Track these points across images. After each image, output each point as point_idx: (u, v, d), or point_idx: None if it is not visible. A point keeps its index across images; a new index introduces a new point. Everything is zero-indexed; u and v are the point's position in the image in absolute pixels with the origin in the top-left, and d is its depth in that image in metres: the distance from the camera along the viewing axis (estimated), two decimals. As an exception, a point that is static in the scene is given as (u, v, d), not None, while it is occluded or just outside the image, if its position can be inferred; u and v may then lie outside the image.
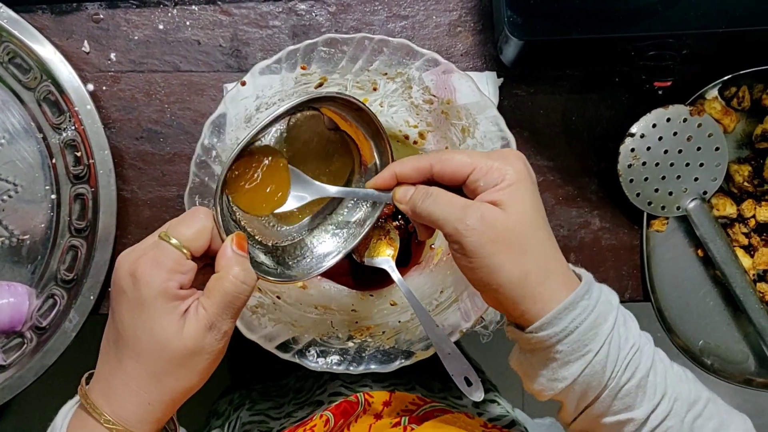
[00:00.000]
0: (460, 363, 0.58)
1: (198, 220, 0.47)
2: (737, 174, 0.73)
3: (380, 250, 0.68)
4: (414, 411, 0.62)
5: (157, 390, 0.46)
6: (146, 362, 0.45)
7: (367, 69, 0.63)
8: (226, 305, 0.46)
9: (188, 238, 0.46)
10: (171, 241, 0.46)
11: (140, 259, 0.45)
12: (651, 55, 0.64)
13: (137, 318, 0.45)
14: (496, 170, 0.48)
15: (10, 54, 0.68)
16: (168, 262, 0.45)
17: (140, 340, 0.45)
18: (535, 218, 0.48)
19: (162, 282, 0.44)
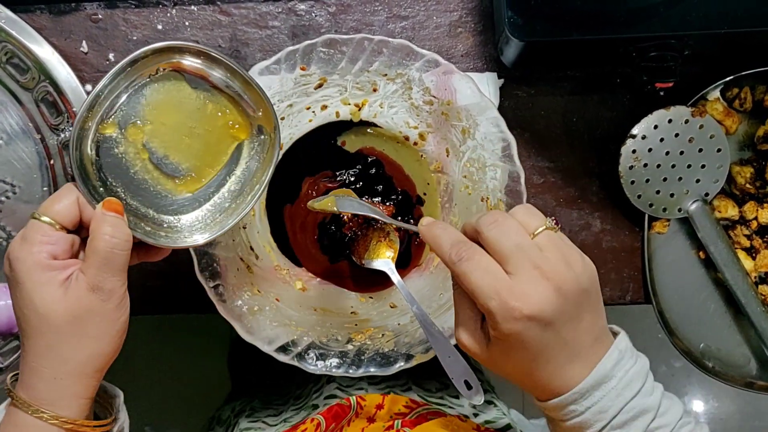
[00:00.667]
0: (460, 366, 0.57)
1: (64, 194, 0.48)
2: (739, 176, 0.72)
3: (380, 252, 0.68)
4: (407, 414, 0.62)
5: (57, 362, 0.46)
6: (37, 336, 0.46)
7: (367, 70, 0.63)
8: (102, 264, 0.47)
9: (55, 210, 0.47)
10: (41, 218, 0.47)
11: (14, 241, 0.47)
12: (652, 56, 0.63)
13: (19, 296, 0.46)
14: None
15: (8, 54, 0.68)
16: (36, 236, 0.46)
17: (27, 316, 0.46)
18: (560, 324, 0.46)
19: (31, 255, 0.46)
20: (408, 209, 0.71)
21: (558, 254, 0.45)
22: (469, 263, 0.45)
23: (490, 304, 0.44)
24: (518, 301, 0.43)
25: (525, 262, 0.44)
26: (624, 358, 0.47)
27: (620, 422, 0.46)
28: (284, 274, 0.69)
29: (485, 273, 0.45)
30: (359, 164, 0.71)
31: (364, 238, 0.69)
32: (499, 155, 0.63)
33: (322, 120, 0.69)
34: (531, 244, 0.45)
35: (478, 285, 0.44)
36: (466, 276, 0.45)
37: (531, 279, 0.44)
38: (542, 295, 0.44)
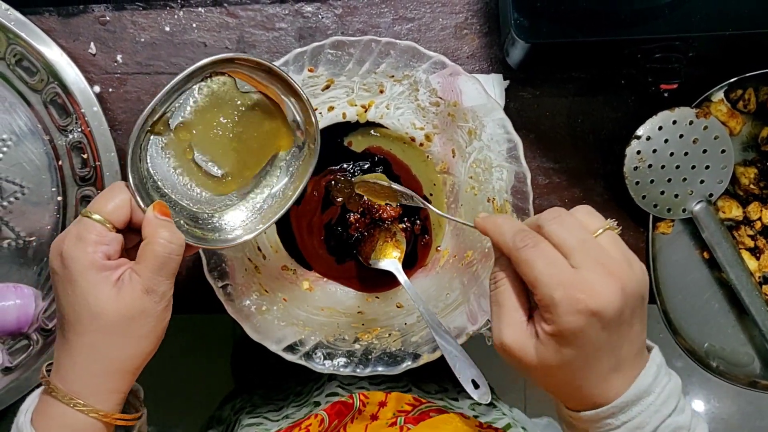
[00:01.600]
0: (467, 366, 0.58)
1: (115, 194, 0.48)
2: (743, 176, 0.73)
3: (386, 253, 0.68)
4: (410, 411, 0.62)
5: (102, 359, 0.47)
6: (86, 334, 0.47)
7: (374, 71, 0.63)
8: (158, 267, 0.47)
9: (108, 211, 0.47)
10: (92, 216, 0.47)
11: (65, 238, 0.47)
12: (657, 58, 0.64)
13: (72, 294, 0.46)
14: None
15: (17, 56, 0.68)
16: (90, 236, 0.46)
17: (78, 314, 0.46)
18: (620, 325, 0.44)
19: (87, 255, 0.46)
20: (415, 209, 0.72)
21: (621, 253, 0.44)
22: (535, 251, 0.44)
23: (555, 294, 0.42)
24: (584, 293, 0.42)
25: (589, 257, 0.43)
26: (661, 374, 0.46)
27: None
28: (291, 274, 0.70)
29: (551, 262, 0.43)
30: (367, 161, 0.71)
31: (371, 238, 0.70)
32: (505, 156, 0.63)
33: (329, 121, 0.70)
34: (594, 241, 0.44)
35: (542, 273, 0.43)
36: (530, 264, 0.43)
37: (597, 274, 0.42)
38: (608, 291, 0.42)
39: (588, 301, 0.41)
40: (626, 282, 0.43)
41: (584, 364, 0.44)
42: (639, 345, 0.45)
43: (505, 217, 0.49)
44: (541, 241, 0.44)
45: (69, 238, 0.47)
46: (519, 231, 0.46)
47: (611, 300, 0.42)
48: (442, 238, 0.72)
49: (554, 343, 0.43)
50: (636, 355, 0.45)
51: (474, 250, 0.66)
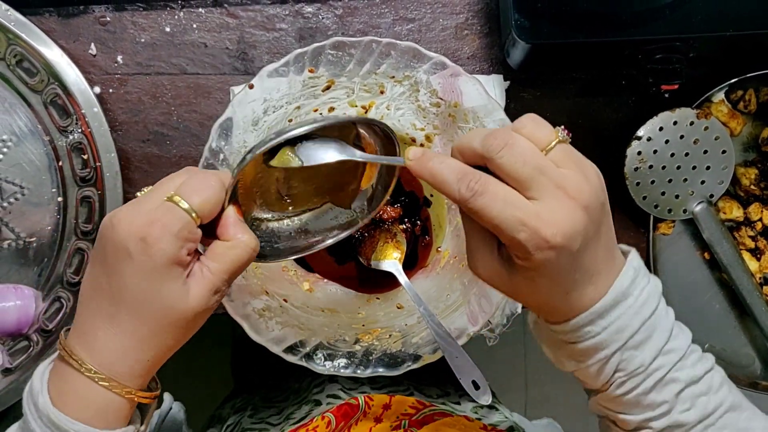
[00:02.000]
0: (468, 366, 0.58)
1: (211, 188, 0.45)
2: (744, 177, 0.73)
3: (387, 253, 0.68)
4: (413, 415, 0.62)
5: (154, 347, 0.46)
6: (149, 323, 0.45)
7: (374, 72, 0.63)
8: (233, 270, 0.46)
9: (200, 206, 0.45)
10: (182, 205, 0.44)
11: (152, 224, 0.43)
12: (658, 59, 0.64)
13: (145, 282, 0.44)
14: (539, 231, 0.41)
15: (17, 57, 0.68)
16: (182, 231, 0.44)
17: (147, 302, 0.44)
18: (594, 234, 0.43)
19: (176, 250, 0.43)
20: (415, 211, 0.72)
21: (576, 168, 0.42)
22: (485, 197, 0.41)
23: (520, 236, 0.40)
24: (550, 227, 0.40)
25: (548, 184, 0.40)
26: (639, 276, 0.45)
27: (636, 342, 0.44)
28: (292, 275, 0.70)
29: (506, 204, 0.41)
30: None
31: (371, 239, 0.69)
32: (506, 157, 0.63)
33: (329, 122, 0.70)
34: (549, 163, 0.41)
35: (501, 218, 0.40)
36: (485, 211, 0.41)
37: (557, 202, 0.40)
38: (572, 218, 0.40)
39: (555, 236, 0.40)
40: (587, 200, 0.41)
41: (558, 286, 0.43)
42: (609, 249, 0.44)
43: (440, 160, 0.44)
44: (488, 183, 0.41)
45: (158, 226, 0.43)
46: (462, 177, 0.42)
47: (576, 227, 0.40)
48: (442, 239, 0.72)
49: (528, 273, 0.43)
50: (608, 259, 0.44)
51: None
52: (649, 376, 0.45)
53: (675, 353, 0.45)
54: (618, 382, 0.46)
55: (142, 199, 0.45)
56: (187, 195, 0.44)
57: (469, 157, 0.43)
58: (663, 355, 0.45)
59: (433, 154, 0.45)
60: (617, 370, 0.45)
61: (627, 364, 0.45)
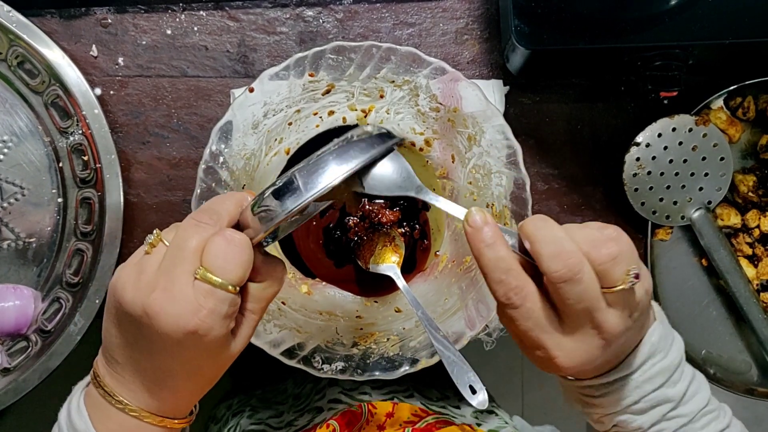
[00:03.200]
0: (465, 371, 0.58)
1: (244, 254, 0.42)
2: (742, 184, 0.73)
3: (385, 257, 0.68)
4: (416, 422, 0.62)
5: (199, 390, 0.47)
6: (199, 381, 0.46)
7: (374, 76, 0.64)
8: (271, 301, 0.47)
9: (241, 279, 0.42)
10: (216, 281, 0.41)
11: (198, 313, 0.41)
12: (657, 65, 0.64)
13: (198, 360, 0.44)
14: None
15: (18, 58, 0.69)
16: (228, 309, 0.42)
17: (198, 372, 0.45)
18: None
19: (227, 329, 0.43)
20: (414, 214, 0.72)
21: (624, 310, 0.42)
22: (518, 311, 0.42)
23: (535, 353, 0.43)
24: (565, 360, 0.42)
25: (586, 324, 0.41)
26: (655, 352, 0.46)
27: (635, 410, 0.47)
28: (290, 277, 0.70)
29: (535, 325, 0.42)
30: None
31: (370, 242, 0.70)
32: (505, 162, 0.63)
33: (329, 125, 0.70)
34: (601, 306, 0.40)
35: (524, 335, 0.42)
36: (513, 322, 0.42)
37: (584, 340, 0.41)
38: (592, 354, 0.42)
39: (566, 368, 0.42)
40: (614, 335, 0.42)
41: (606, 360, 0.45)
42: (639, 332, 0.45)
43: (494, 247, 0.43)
44: (526, 300, 0.41)
45: (204, 315, 0.41)
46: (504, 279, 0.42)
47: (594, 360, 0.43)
48: (441, 243, 0.72)
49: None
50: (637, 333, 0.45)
51: (472, 256, 0.66)
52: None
53: (682, 418, 0.47)
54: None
55: (172, 280, 0.41)
56: (219, 269, 0.41)
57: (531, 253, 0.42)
58: (666, 420, 0.47)
59: (491, 231, 0.43)
60: (616, 425, 0.48)
61: (625, 425, 0.48)
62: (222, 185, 0.62)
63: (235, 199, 0.45)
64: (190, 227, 0.43)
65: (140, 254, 0.44)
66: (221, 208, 0.44)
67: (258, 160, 0.66)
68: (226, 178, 0.63)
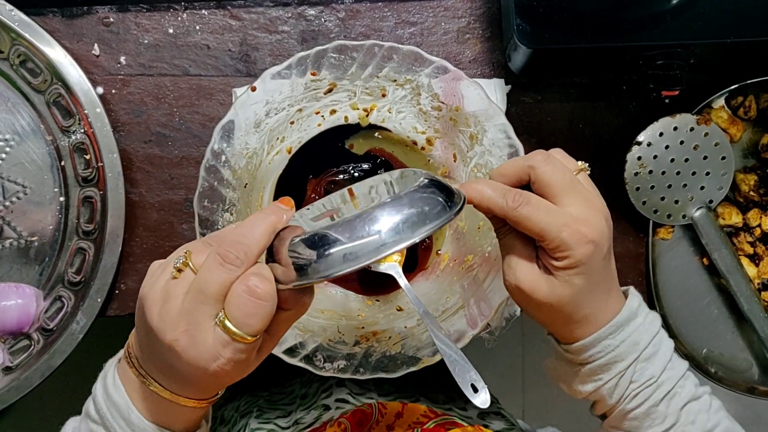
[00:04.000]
0: (466, 370, 0.58)
1: (267, 308, 0.43)
2: (743, 183, 0.73)
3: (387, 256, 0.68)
4: (425, 423, 0.62)
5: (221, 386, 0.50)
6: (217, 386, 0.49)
7: (376, 75, 0.64)
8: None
9: (261, 330, 0.44)
10: (246, 338, 0.43)
11: (217, 359, 0.43)
12: (659, 64, 0.64)
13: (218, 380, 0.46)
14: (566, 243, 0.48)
15: (20, 56, 0.69)
16: (244, 355, 0.44)
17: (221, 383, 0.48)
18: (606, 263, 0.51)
19: (245, 369, 0.47)
20: (415, 213, 0.72)
21: (595, 190, 0.51)
22: (529, 206, 0.48)
23: (563, 235, 0.47)
24: (586, 227, 0.47)
25: (578, 196, 0.49)
26: (642, 303, 0.53)
27: (647, 355, 0.51)
28: (292, 276, 0.70)
29: (549, 211, 0.48)
30: (369, 162, 0.71)
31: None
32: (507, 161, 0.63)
33: (331, 124, 0.70)
34: (577, 181, 0.50)
35: (545, 222, 0.48)
36: (531, 217, 0.48)
37: (588, 210, 0.48)
38: (600, 222, 0.48)
39: (590, 232, 0.47)
40: (606, 215, 0.50)
41: (589, 289, 0.49)
42: (616, 273, 0.53)
43: (484, 182, 0.51)
44: (531, 196, 0.49)
45: (223, 362, 0.43)
46: (506, 192, 0.49)
47: (604, 230, 0.49)
48: (442, 242, 0.72)
49: (566, 275, 0.49)
50: (616, 284, 0.52)
51: (474, 255, 0.67)
52: (659, 387, 0.51)
53: (678, 369, 0.53)
54: (632, 395, 0.52)
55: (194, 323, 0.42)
56: (244, 325, 0.42)
57: (511, 176, 0.51)
58: (669, 369, 0.52)
59: (479, 179, 0.54)
60: (632, 382, 0.52)
61: (640, 376, 0.51)
62: (224, 184, 0.63)
63: (267, 225, 0.45)
64: (215, 267, 0.42)
65: (168, 274, 0.45)
66: (251, 240, 0.44)
67: (260, 158, 0.66)
68: (228, 177, 0.63)
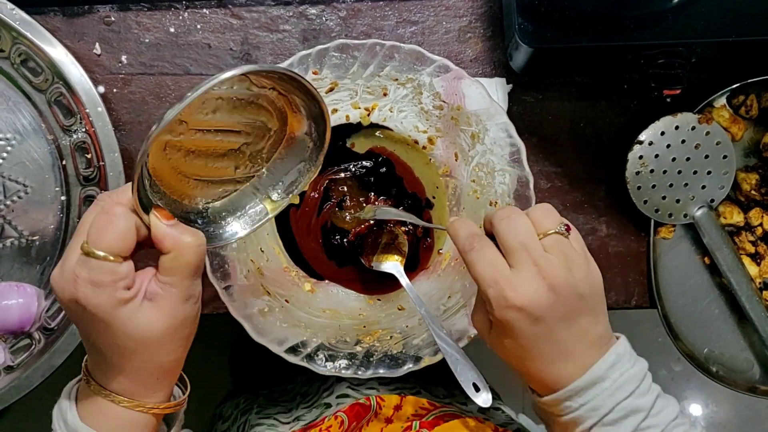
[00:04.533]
0: (468, 369, 0.58)
1: (118, 222, 0.44)
2: (745, 182, 0.73)
3: (388, 255, 0.68)
4: (424, 416, 0.62)
5: (153, 369, 0.48)
6: (134, 356, 0.46)
7: (377, 74, 0.64)
8: (190, 274, 0.46)
9: (114, 246, 0.43)
10: (99, 254, 0.43)
11: (76, 282, 0.43)
12: (660, 63, 0.64)
13: (107, 332, 0.45)
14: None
15: (21, 55, 0.68)
16: (105, 278, 0.43)
17: (121, 346, 0.45)
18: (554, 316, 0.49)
19: (110, 298, 0.44)
20: (417, 213, 0.72)
21: (561, 257, 0.48)
22: (477, 253, 0.49)
23: (489, 291, 0.48)
24: (512, 291, 0.47)
25: (526, 259, 0.48)
26: (621, 362, 0.50)
27: (611, 420, 0.49)
28: (293, 275, 0.70)
29: (489, 264, 0.48)
30: (371, 160, 0.71)
31: (373, 241, 0.70)
32: (508, 160, 0.63)
33: (332, 123, 0.70)
34: (536, 244, 0.48)
35: (480, 274, 0.49)
36: (473, 265, 0.49)
37: (528, 274, 0.47)
38: (534, 290, 0.47)
39: (515, 298, 0.47)
40: (557, 284, 0.47)
41: (524, 352, 0.49)
42: (592, 338, 0.50)
43: (461, 221, 0.53)
44: (484, 245, 0.50)
45: (81, 284, 0.43)
46: (469, 235, 0.51)
47: (536, 297, 0.47)
48: (444, 241, 0.72)
49: (497, 330, 0.50)
50: (588, 347, 0.50)
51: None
52: None
53: (654, 429, 0.49)
54: None
55: (66, 255, 0.45)
56: (96, 240, 0.43)
57: (487, 226, 0.52)
58: (640, 431, 0.49)
59: (462, 219, 0.54)
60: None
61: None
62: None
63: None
64: (91, 210, 0.46)
65: None
66: (128, 185, 0.45)
67: (261, 158, 0.66)
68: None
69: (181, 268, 0.45)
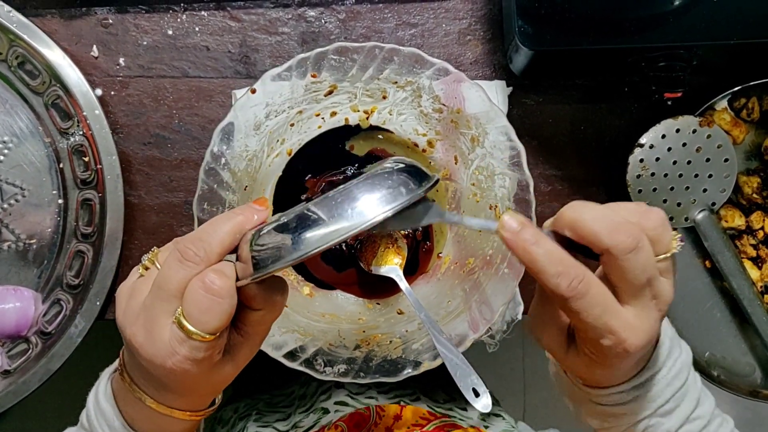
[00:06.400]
0: (468, 374, 0.57)
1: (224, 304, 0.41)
2: (746, 185, 0.72)
3: (388, 259, 0.68)
4: (424, 425, 0.62)
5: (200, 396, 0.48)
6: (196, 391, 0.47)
7: (377, 77, 0.63)
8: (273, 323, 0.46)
9: (219, 328, 0.41)
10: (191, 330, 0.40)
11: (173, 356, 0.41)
12: (661, 66, 0.63)
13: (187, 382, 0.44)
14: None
15: (19, 58, 0.68)
16: (206, 354, 0.42)
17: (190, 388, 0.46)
18: None
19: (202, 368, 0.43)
20: (416, 216, 0.71)
21: (672, 279, 0.42)
22: (585, 300, 0.39)
23: (604, 342, 0.40)
24: (635, 339, 0.40)
25: (647, 295, 0.40)
26: (673, 346, 0.46)
27: (665, 411, 0.45)
28: (292, 279, 0.70)
29: (604, 311, 0.39)
30: (370, 162, 0.71)
31: (372, 244, 0.69)
32: (508, 164, 0.63)
33: (331, 126, 0.70)
34: (657, 274, 0.40)
35: (595, 324, 0.40)
36: (582, 314, 0.39)
37: (647, 313, 0.40)
38: (653, 329, 0.41)
39: (636, 347, 0.40)
40: (666, 310, 0.42)
41: (611, 376, 0.45)
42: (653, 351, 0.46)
43: (539, 243, 0.40)
44: (590, 285, 0.39)
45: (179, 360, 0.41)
46: (563, 271, 0.39)
47: (653, 336, 0.41)
48: (443, 244, 0.71)
49: (590, 361, 0.43)
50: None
51: (475, 258, 0.66)
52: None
53: (700, 420, 0.46)
54: None
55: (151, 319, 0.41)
56: (199, 323, 0.40)
57: (581, 237, 0.40)
58: (689, 423, 0.46)
59: (530, 230, 0.40)
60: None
61: (654, 430, 0.46)
62: (224, 186, 0.62)
63: (233, 225, 0.42)
64: (174, 264, 0.41)
65: (137, 273, 0.45)
66: (213, 238, 0.42)
67: (260, 161, 0.66)
68: (228, 180, 0.62)
69: (268, 322, 0.45)
